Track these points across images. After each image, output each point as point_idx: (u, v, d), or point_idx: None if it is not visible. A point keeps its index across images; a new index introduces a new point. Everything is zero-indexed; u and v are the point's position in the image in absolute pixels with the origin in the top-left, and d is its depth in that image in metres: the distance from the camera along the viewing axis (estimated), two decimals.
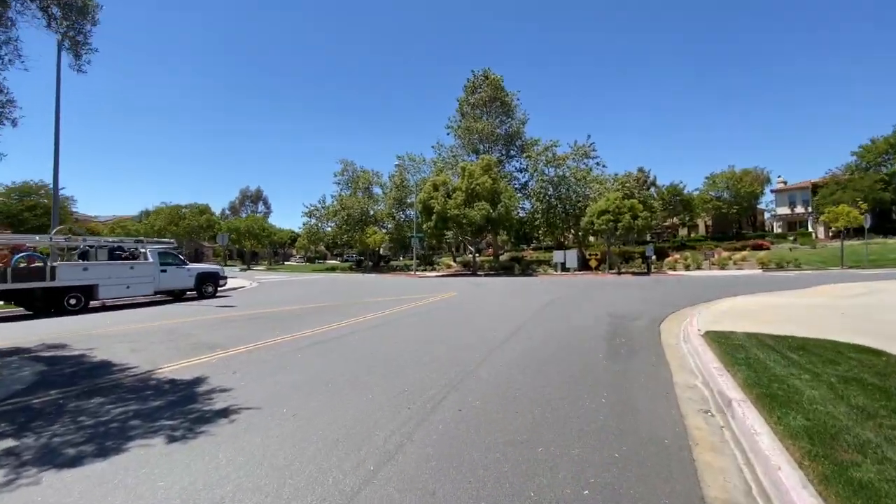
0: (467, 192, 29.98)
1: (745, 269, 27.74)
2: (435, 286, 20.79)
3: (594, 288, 17.75)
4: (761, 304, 9.86)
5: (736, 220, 56.22)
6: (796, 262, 26.76)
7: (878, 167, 39.37)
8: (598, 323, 8.86)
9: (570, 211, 35.45)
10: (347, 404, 4.29)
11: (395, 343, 7.21)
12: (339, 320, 9.65)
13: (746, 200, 53.44)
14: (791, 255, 29.31)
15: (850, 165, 42.08)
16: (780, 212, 56.01)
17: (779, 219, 56.27)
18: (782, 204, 56.04)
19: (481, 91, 39.30)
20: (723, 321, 8.01)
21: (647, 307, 11.16)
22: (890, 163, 38.67)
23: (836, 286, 12.93)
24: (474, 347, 6.71)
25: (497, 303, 12.89)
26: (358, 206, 40.81)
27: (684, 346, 6.84)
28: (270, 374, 5.44)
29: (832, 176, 43.30)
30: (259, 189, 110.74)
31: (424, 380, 5.04)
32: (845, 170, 42.35)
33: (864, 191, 34.06)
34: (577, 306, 11.71)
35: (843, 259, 24.67)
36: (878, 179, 37.49)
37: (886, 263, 24.07)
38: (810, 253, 31.27)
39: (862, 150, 41.16)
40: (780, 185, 56.49)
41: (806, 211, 51.60)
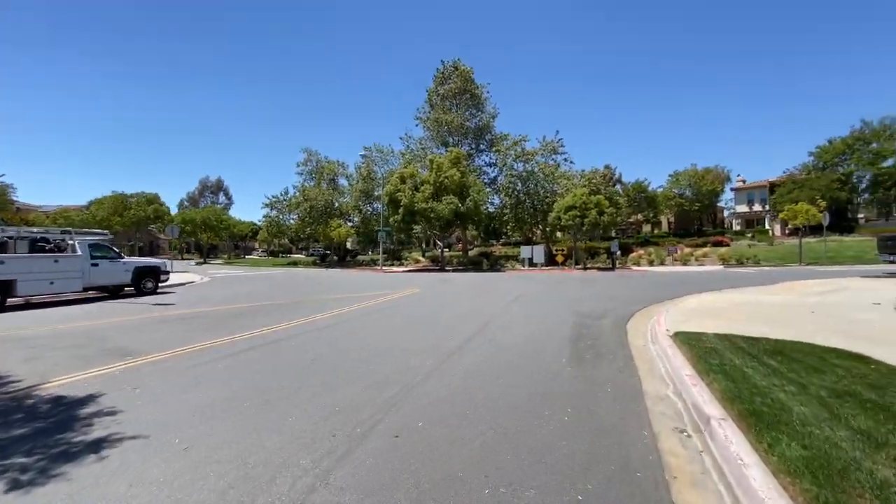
0: (435, 185, 29.21)
1: (706, 265, 28.36)
2: (399, 282, 19.98)
3: (560, 284, 17.45)
4: (729, 302, 9.65)
5: (697, 218, 58.12)
6: (755, 258, 27.56)
7: (834, 167, 41.27)
8: (563, 322, 8.35)
9: (538, 206, 35.33)
10: (261, 431, 3.50)
11: (341, 348, 6.42)
12: (285, 321, 8.74)
13: (707, 198, 55.26)
14: (750, 251, 30.22)
15: (807, 165, 44.01)
16: (739, 210, 58.28)
17: (738, 216, 58.55)
18: (741, 202, 58.33)
19: (451, 82, 38.46)
20: (691, 320, 7.65)
21: (613, 304, 10.81)
22: (846, 163, 40.59)
23: (799, 283, 13.05)
24: (429, 353, 6.01)
25: (461, 300, 12.26)
26: (322, 198, 39.20)
27: (653, 348, 6.40)
28: (180, 390, 4.55)
29: (789, 175, 45.20)
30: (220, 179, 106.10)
31: (363, 396, 4.30)
32: (802, 169, 44.27)
33: (821, 190, 35.61)
34: (542, 304, 11.23)
35: (802, 256, 25.54)
36: (835, 179, 39.31)
37: (843, 260, 25.11)
38: (768, 250, 32.39)
39: (819, 150, 43.08)
40: (739, 183, 58.73)
41: (763, 209, 53.86)
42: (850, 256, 26.38)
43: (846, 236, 36.76)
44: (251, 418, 3.77)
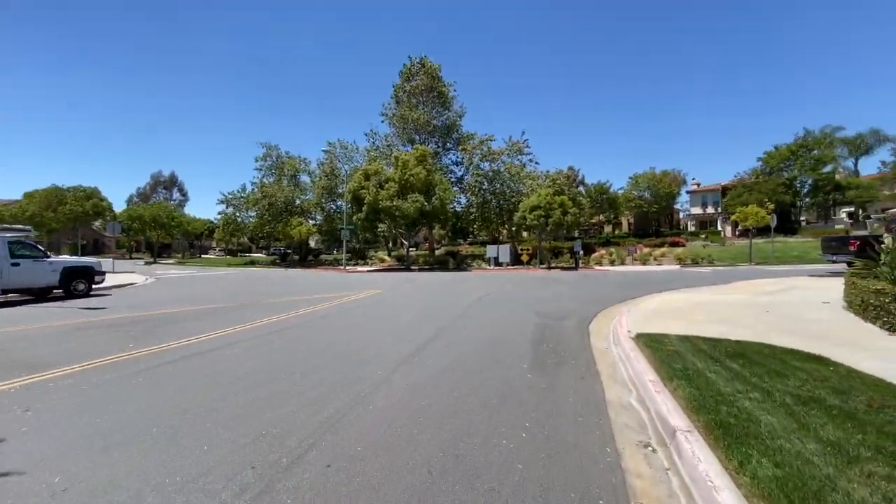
0: (401, 183, 28.61)
1: (664, 265, 29.23)
2: (362, 282, 19.31)
3: (524, 283, 17.35)
4: (688, 302, 9.72)
5: (655, 219, 60.27)
6: (709, 258, 28.66)
7: (780, 172, 43.67)
8: (525, 324, 8.08)
9: (504, 206, 35.43)
10: (165, 465, 2.93)
11: (283, 358, 5.83)
12: (226, 326, 8.01)
13: (665, 200, 57.38)
14: (705, 251, 31.44)
15: (756, 170, 46.38)
16: (694, 211, 60.88)
17: (692, 218, 61.15)
18: (696, 204, 60.96)
19: (417, 79, 37.92)
20: (653, 321, 7.56)
21: (576, 305, 10.69)
22: (790, 168, 43.03)
23: (751, 282, 13.48)
24: (380, 361, 5.53)
25: (423, 301, 11.82)
26: (282, 195, 37.68)
27: (615, 351, 6.20)
28: (76, 414, 3.87)
29: (740, 179, 47.53)
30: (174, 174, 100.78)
31: (297, 416, 3.78)
32: (751, 174, 46.60)
33: (768, 193, 37.55)
34: (505, 304, 10.97)
35: (752, 256, 26.76)
36: (780, 183, 41.59)
37: (789, 260, 26.54)
38: (721, 250, 33.83)
39: (766, 156, 45.50)
40: (694, 186, 61.35)
41: (716, 211, 56.45)
42: (795, 256, 27.91)
43: (790, 237, 39.01)
44: (156, 448, 3.19)
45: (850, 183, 42.09)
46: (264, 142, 41.06)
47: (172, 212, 50.79)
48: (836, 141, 46.62)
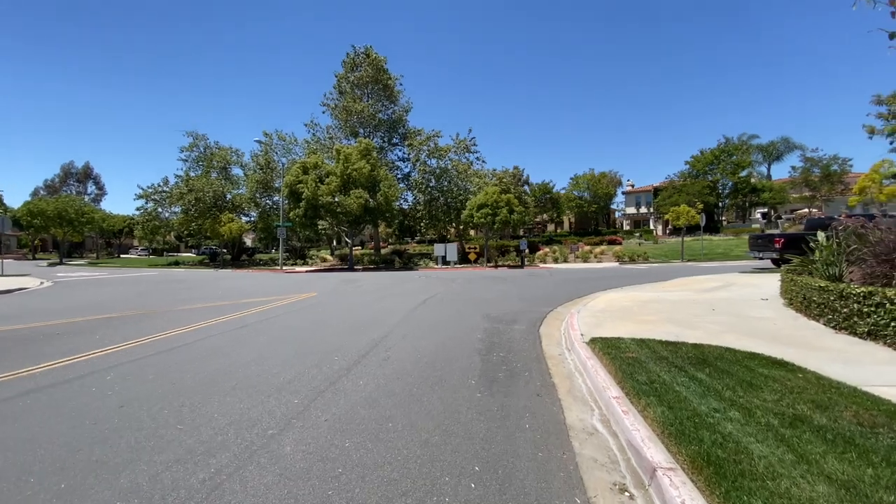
0: (343, 177, 27.10)
1: (604, 262, 30.13)
2: (297, 284, 17.82)
3: (472, 283, 16.80)
4: (635, 300, 9.53)
5: (594, 218, 62.95)
6: (645, 255, 29.93)
7: (705, 175, 46.96)
8: (473, 330, 7.38)
9: (452, 204, 34.95)
10: None
11: (170, 386, 4.65)
12: (112, 343, 6.56)
13: (603, 200, 60.02)
14: (640, 249, 32.87)
15: (684, 173, 49.58)
16: (629, 211, 64.25)
17: (627, 217, 64.52)
18: (630, 204, 64.35)
19: (362, 69, 36.32)
20: (604, 323, 7.15)
21: (525, 305, 10.21)
22: (714, 172, 46.41)
23: (689, 279, 13.81)
24: (297, 387, 4.54)
25: (362, 305, 10.81)
26: (210, 189, 34.51)
27: (570, 359, 5.66)
28: None
29: (670, 181, 50.62)
30: (88, 165, 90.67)
31: (164, 479, 2.74)
32: (681, 176, 49.77)
33: (695, 195, 40.18)
34: (452, 306, 10.26)
35: (683, 253, 28.25)
36: (706, 185, 44.73)
37: (716, 257, 28.33)
38: (654, 248, 35.60)
39: (693, 159, 48.80)
40: (629, 187, 64.73)
41: (649, 211, 59.89)
42: (720, 253, 29.89)
43: (714, 236, 42.03)
44: None
45: (763, 186, 46.21)
46: (191, 130, 37.47)
47: (82, 206, 45.01)
48: (751, 148, 51.10)
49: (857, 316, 5.80)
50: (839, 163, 35.74)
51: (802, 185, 37.69)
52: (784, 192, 43.21)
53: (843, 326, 6.08)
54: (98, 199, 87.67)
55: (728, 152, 46.31)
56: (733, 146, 47.02)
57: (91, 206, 52.01)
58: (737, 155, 46.28)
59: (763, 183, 47.47)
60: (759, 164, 50.71)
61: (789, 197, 43.18)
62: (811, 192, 37.16)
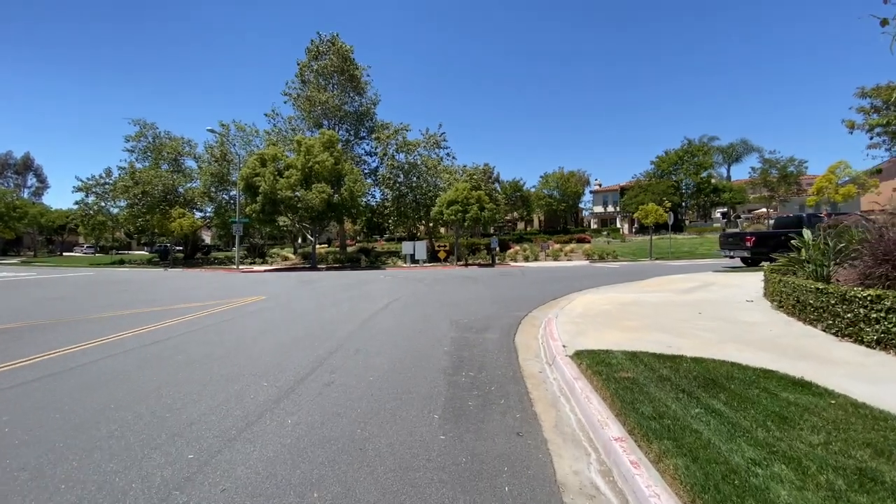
0: (304, 170, 25.47)
1: (574, 261, 29.88)
2: (249, 285, 16.32)
3: (441, 283, 15.85)
4: (614, 302, 8.84)
5: (563, 216, 63.32)
6: (614, 254, 29.88)
7: (669, 175, 47.83)
8: (439, 341, 6.41)
9: (421, 200, 33.85)
10: None
11: (36, 430, 3.44)
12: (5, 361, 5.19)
13: (572, 199, 60.43)
14: (609, 248, 32.89)
15: (649, 172, 50.38)
16: (596, 210, 65.05)
17: (595, 216, 65.30)
18: (598, 203, 65.16)
19: (326, 58, 34.54)
20: (586, 331, 6.36)
21: (497, 309, 9.34)
22: (678, 172, 47.32)
23: (664, 279, 13.37)
24: (199, 431, 3.41)
25: (315, 310, 9.62)
26: (159, 182, 31.88)
27: (552, 377, 4.79)
28: None
29: (637, 181, 51.38)
30: (28, 156, 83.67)
31: None
32: (646, 176, 50.57)
33: (660, 194, 40.73)
34: (417, 311, 9.25)
35: (652, 252, 28.32)
36: (670, 185, 45.54)
37: (683, 255, 28.50)
38: (622, 246, 35.78)
39: (658, 160, 49.63)
40: (596, 186, 65.54)
41: (615, 210, 60.78)
42: (686, 252, 30.24)
43: (679, 234, 42.86)
44: None
45: (724, 186, 47.65)
46: (137, 118, 34.50)
47: (14, 200, 40.90)
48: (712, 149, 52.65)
49: (864, 322, 5.22)
50: (795, 164, 37.10)
51: (761, 185, 38.93)
52: (743, 193, 44.63)
53: (846, 333, 5.50)
54: (39, 193, 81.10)
55: (691, 153, 47.42)
56: (696, 147, 48.20)
57: (24, 201, 47.54)
58: (699, 156, 47.44)
59: (724, 183, 48.95)
60: (719, 164, 52.39)
61: (748, 197, 44.64)
62: (769, 192, 38.43)
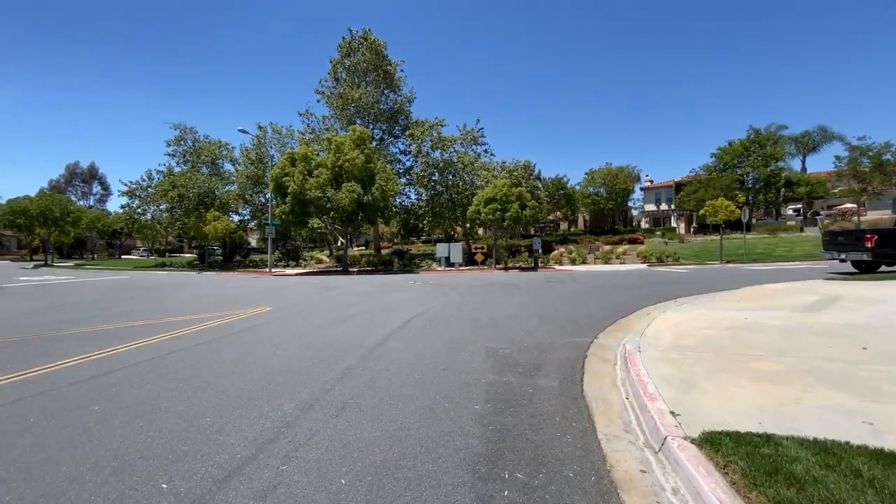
0: (334, 169, 24.22)
1: (628, 264, 26.83)
2: (265, 293, 14.97)
3: (477, 291, 13.75)
4: (715, 325, 6.38)
5: (611, 216, 59.27)
6: (675, 256, 26.52)
7: (733, 168, 42.91)
8: (467, 392, 4.33)
9: (457, 200, 31.91)
10: None
11: None
12: None
13: (620, 197, 56.40)
14: (667, 249, 29.42)
15: (709, 166, 45.61)
16: (648, 208, 60.47)
17: (646, 214, 60.75)
18: (649, 201, 60.58)
19: (359, 54, 33.41)
20: (695, 378, 4.08)
21: (549, 331, 7.14)
22: (743, 165, 42.36)
23: (760, 288, 10.51)
24: None
25: (317, 329, 7.80)
26: (194, 185, 31.82)
27: (667, 488, 2.60)
28: None
29: (695, 175, 46.71)
30: (93, 165, 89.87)
31: None
32: (706, 170, 45.84)
33: (723, 189, 36.40)
34: (444, 333, 7.22)
35: (722, 254, 24.73)
36: (735, 179, 40.79)
37: (757, 257, 24.66)
38: (682, 247, 32.08)
39: (720, 151, 44.72)
40: (647, 183, 60.97)
41: (670, 208, 56.10)
42: (760, 253, 26.32)
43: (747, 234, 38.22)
44: None
45: (800, 179, 42.20)
46: (177, 123, 34.91)
47: (68, 205, 42.86)
48: (782, 139, 46.98)
49: None
50: (893, 151, 31.73)
51: (849, 177, 33.72)
52: (824, 186, 39.16)
53: None
54: (104, 200, 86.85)
55: (759, 143, 42.28)
56: (764, 137, 42.92)
57: (79, 206, 49.98)
58: (768, 146, 42.24)
59: (799, 176, 43.39)
60: (791, 156, 46.64)
61: (829, 190, 39.16)
62: (860, 184, 33.18)
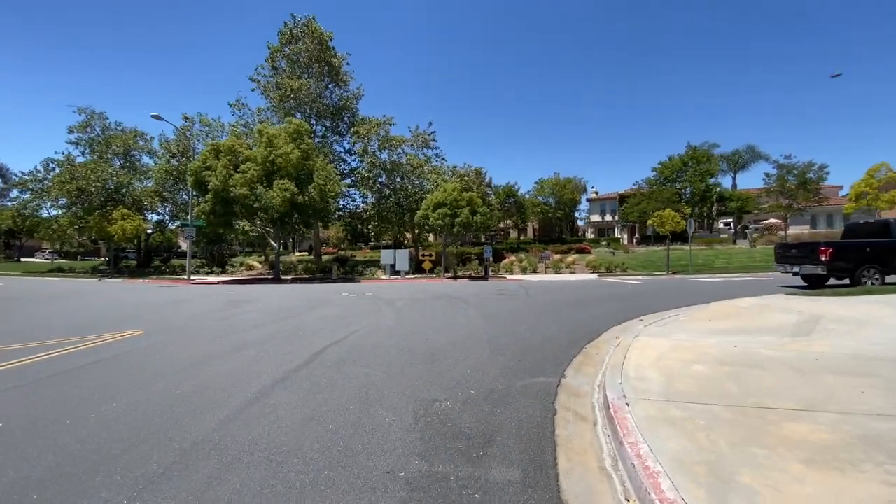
0: (265, 164, 21.56)
1: (578, 273, 26.23)
2: (154, 309, 12.30)
3: (420, 306, 11.96)
4: (704, 357, 5.03)
5: (559, 225, 59.99)
6: (623, 266, 26.29)
7: (673, 182, 44.63)
8: (373, 495, 2.53)
9: (406, 204, 30.09)
10: None
11: None
12: None
13: (568, 207, 57.19)
14: (615, 259, 29.35)
15: (651, 180, 47.20)
16: (593, 219, 61.86)
17: (592, 225, 62.11)
18: (595, 212, 62.02)
19: (302, 43, 30.81)
20: (725, 460, 2.53)
21: (503, 366, 5.50)
22: (682, 179, 44.16)
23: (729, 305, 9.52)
24: None
25: (189, 366, 5.63)
26: (99, 178, 27.53)
27: None
28: None
29: (638, 188, 48.17)
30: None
31: None
32: (648, 183, 47.40)
33: (664, 202, 37.40)
34: (360, 374, 5.35)
35: (669, 265, 24.72)
36: (675, 192, 42.33)
37: (702, 269, 24.86)
38: (628, 258, 32.26)
39: (661, 165, 46.44)
40: (593, 194, 62.43)
41: (614, 219, 57.61)
42: (701, 265, 26.75)
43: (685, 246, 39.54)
44: None
45: (732, 195, 44.61)
46: (83, 107, 30.19)
47: None
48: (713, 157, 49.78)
49: None
50: (815, 170, 34.09)
51: (777, 193, 35.85)
52: (755, 201, 41.55)
53: None
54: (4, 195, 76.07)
55: (696, 159, 44.40)
56: (701, 153, 45.21)
57: None
58: (705, 162, 44.44)
59: (731, 192, 45.93)
60: (723, 172, 49.49)
61: (758, 206, 41.62)
62: (787, 200, 35.29)
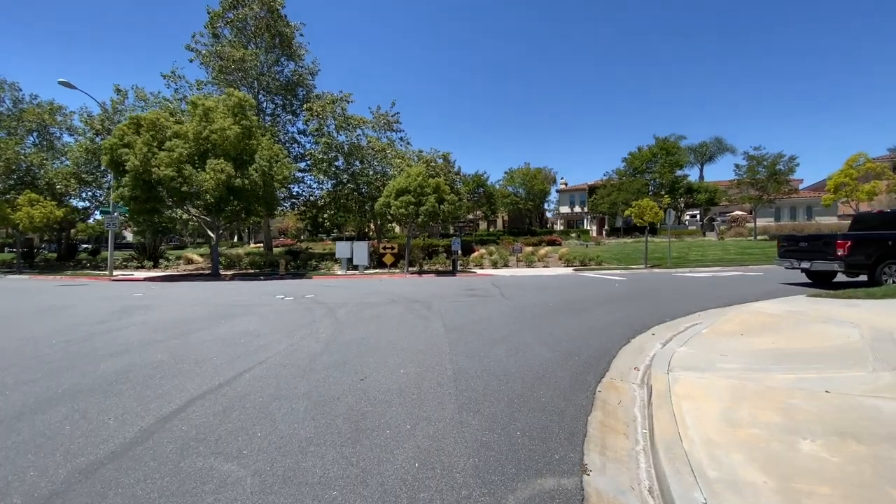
0: (198, 142, 18.52)
1: (552, 267, 24.72)
2: (15, 319, 9.52)
3: (365, 316, 9.70)
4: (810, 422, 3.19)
5: (528, 216, 58.84)
6: (597, 259, 24.99)
7: (643, 174, 44.11)
8: None
9: (367, 192, 27.58)
10: None
11: None
12: None
13: (539, 198, 56.00)
14: (589, 252, 28.04)
15: (620, 171, 46.56)
16: (563, 210, 61.10)
17: (561, 216, 61.36)
18: (564, 203, 61.26)
19: (247, 7, 27.38)
20: None
21: (475, 441, 3.43)
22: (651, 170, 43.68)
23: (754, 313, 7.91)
24: None
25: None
26: (2, 158, 23.44)
27: None
28: None
29: (608, 179, 47.49)
30: None
31: None
32: (618, 174, 46.75)
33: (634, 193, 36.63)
34: (218, 488, 3.18)
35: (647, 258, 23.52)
36: (645, 184, 41.78)
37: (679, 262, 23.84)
38: (600, 250, 31.11)
39: (631, 157, 45.83)
40: (562, 185, 61.62)
41: (583, 210, 56.98)
42: (677, 258, 25.83)
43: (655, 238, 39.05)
44: None
45: (700, 187, 44.63)
46: None
47: None
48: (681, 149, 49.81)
49: None
50: (785, 161, 34.10)
51: (748, 185, 35.78)
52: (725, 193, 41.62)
53: None
54: None
55: (666, 150, 44.03)
56: (670, 144, 44.92)
57: None
58: (674, 154, 44.14)
59: (699, 184, 46.01)
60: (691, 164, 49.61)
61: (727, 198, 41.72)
62: (758, 191, 35.24)
